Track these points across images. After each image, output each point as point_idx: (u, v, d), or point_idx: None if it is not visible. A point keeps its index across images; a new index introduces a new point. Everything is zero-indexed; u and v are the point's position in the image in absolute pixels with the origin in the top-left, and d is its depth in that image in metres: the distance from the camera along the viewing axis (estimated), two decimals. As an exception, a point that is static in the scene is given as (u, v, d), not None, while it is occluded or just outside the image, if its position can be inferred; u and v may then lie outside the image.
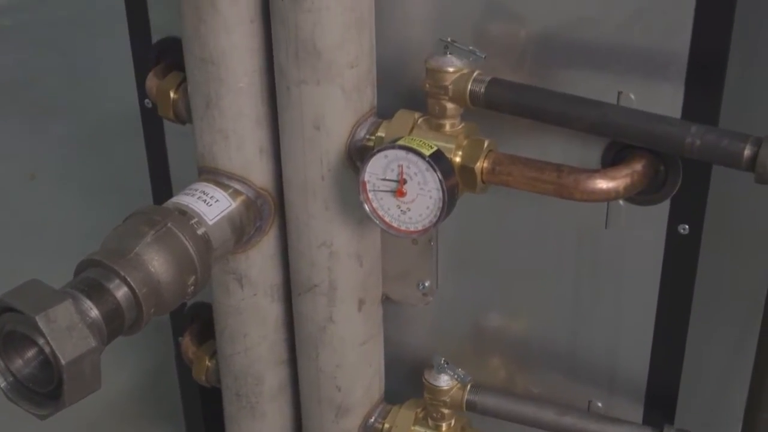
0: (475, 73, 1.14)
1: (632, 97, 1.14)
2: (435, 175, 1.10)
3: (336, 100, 1.17)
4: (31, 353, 1.06)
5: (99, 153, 3.05)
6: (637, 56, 1.13)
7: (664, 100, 1.13)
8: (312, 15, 1.13)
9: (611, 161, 1.17)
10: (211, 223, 1.21)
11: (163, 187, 1.55)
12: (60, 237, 2.67)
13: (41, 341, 1.01)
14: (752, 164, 1.02)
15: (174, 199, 1.24)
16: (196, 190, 1.25)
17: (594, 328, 1.32)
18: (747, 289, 1.25)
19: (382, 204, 1.16)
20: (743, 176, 1.05)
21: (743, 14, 1.09)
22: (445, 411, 1.36)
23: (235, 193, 1.26)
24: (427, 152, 1.11)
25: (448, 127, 1.16)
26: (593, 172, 1.12)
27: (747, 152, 1.03)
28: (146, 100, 1.47)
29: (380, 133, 1.19)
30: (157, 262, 1.12)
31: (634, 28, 1.12)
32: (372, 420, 1.40)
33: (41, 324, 0.99)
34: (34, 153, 3.14)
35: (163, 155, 1.53)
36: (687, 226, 1.18)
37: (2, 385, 1.07)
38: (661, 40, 1.11)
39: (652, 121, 1.08)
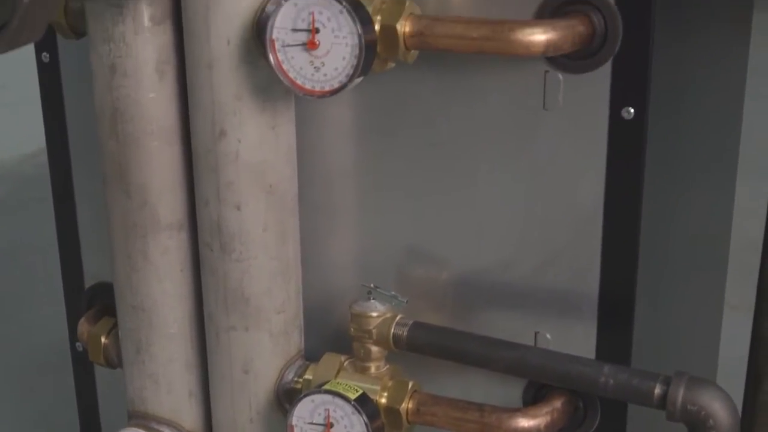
0: (397, 317, 1.19)
1: (548, 336, 1.19)
2: (361, 418, 1.13)
3: (264, 345, 1.21)
4: None
5: (27, 389, 3.01)
6: (551, 298, 1.19)
7: (579, 338, 1.17)
8: (240, 264, 1.17)
9: (532, 398, 1.20)
10: (139, 470, 1.22)
11: (92, 429, 1.55)
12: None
13: None
14: (662, 402, 1.06)
15: (102, 446, 1.24)
16: (125, 436, 1.26)
17: None
18: None
19: None
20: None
21: (648, 254, 1.16)
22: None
23: (165, 438, 1.27)
24: (352, 396, 1.14)
25: (373, 370, 1.19)
26: (514, 411, 1.16)
27: (657, 391, 1.07)
28: (77, 344, 1.49)
29: (308, 376, 1.22)
30: None
31: (547, 270, 1.18)
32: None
33: None
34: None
35: (93, 398, 1.53)
36: (608, 460, 1.21)
37: None
38: (573, 282, 1.17)
39: (566, 362, 1.12)
